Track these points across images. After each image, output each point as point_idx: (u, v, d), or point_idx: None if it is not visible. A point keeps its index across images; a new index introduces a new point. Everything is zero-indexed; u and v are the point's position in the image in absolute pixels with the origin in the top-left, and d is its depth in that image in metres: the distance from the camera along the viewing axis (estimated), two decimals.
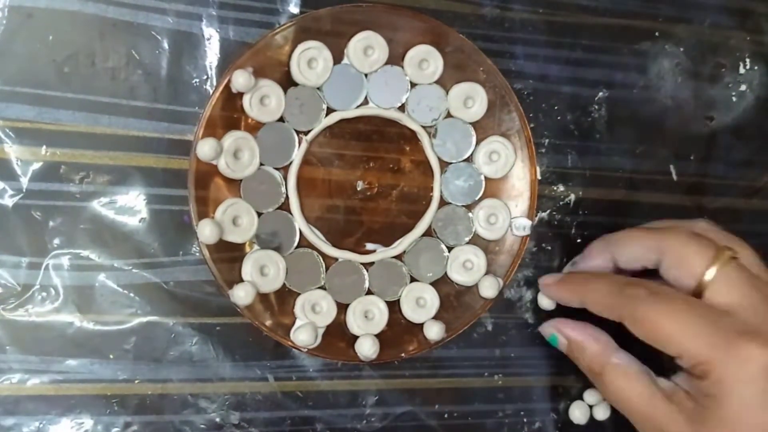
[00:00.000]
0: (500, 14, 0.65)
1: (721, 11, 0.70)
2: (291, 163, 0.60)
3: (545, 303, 0.65)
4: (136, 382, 0.59)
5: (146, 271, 0.59)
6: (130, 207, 0.58)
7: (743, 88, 0.70)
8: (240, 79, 0.56)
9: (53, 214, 0.57)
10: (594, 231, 0.66)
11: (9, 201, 0.56)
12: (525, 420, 0.67)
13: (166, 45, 0.59)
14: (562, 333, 0.61)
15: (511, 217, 0.63)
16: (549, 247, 0.67)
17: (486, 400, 0.66)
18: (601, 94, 0.67)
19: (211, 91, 0.59)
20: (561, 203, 0.66)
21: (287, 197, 0.60)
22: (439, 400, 0.65)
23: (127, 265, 0.59)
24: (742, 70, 0.70)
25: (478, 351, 0.66)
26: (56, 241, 0.57)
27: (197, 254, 0.60)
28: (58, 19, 0.57)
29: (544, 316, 0.65)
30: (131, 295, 0.58)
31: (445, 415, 0.66)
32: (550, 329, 0.62)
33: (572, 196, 0.67)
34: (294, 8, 0.61)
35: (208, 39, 0.59)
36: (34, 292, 0.57)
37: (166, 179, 0.59)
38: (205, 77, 0.59)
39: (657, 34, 0.68)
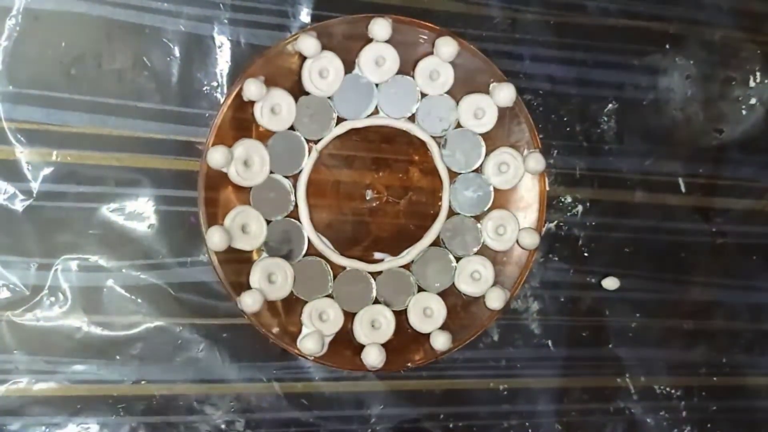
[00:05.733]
0: (511, 25, 0.65)
1: (732, 25, 0.70)
2: (301, 171, 0.60)
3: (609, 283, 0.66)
4: (143, 384, 0.59)
5: (153, 276, 0.59)
6: (139, 213, 0.59)
7: (753, 101, 0.70)
8: (251, 88, 0.56)
9: (63, 218, 0.58)
10: (601, 244, 0.66)
11: (20, 205, 0.57)
12: (530, 430, 0.67)
13: (174, 46, 0.59)
14: None
15: (520, 228, 0.63)
16: (556, 258, 0.67)
17: (490, 408, 0.66)
18: (610, 105, 0.67)
19: (219, 94, 0.60)
20: (568, 214, 0.66)
21: (296, 205, 0.60)
22: (443, 407, 0.66)
23: (134, 270, 0.59)
24: (752, 84, 0.70)
25: (484, 359, 0.66)
26: (65, 245, 0.58)
27: (204, 258, 0.60)
28: (65, 22, 0.57)
29: (549, 325, 0.66)
30: (138, 300, 0.59)
31: (450, 425, 0.66)
32: None
33: (580, 208, 0.67)
34: (305, 17, 0.61)
35: (220, 46, 0.60)
36: (42, 296, 0.58)
37: (174, 181, 0.59)
38: (213, 77, 0.60)
39: (668, 46, 0.68)
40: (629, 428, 0.70)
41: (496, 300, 0.62)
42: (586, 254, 0.67)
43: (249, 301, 0.57)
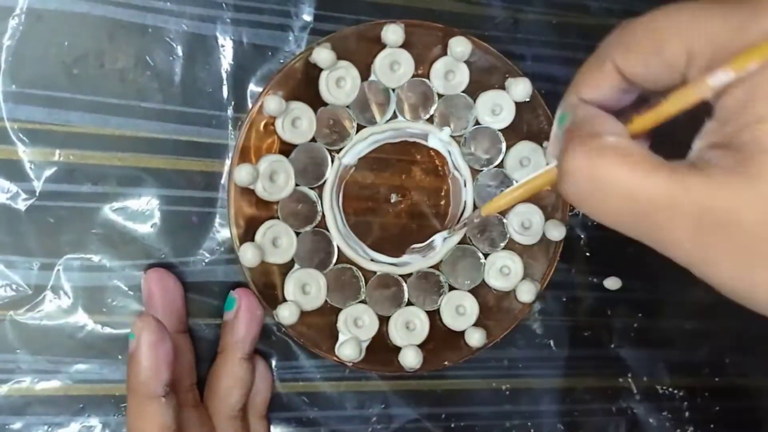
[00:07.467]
0: (513, 25, 0.65)
1: None
2: (325, 181, 0.60)
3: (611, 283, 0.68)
4: None
5: None
6: (142, 212, 0.59)
7: None
8: (271, 105, 0.57)
9: (65, 218, 0.57)
10: (603, 244, 0.66)
11: (22, 205, 0.57)
12: (532, 431, 0.68)
13: (177, 46, 0.59)
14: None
15: (545, 220, 0.63)
16: (557, 258, 0.67)
17: (492, 408, 0.67)
18: None
19: (222, 94, 0.60)
20: (570, 214, 0.66)
21: (323, 215, 0.60)
22: (445, 407, 0.66)
23: (137, 269, 0.59)
24: None
25: (486, 359, 0.66)
26: (68, 245, 0.58)
27: (206, 257, 0.60)
28: (68, 21, 0.57)
29: (551, 325, 0.67)
30: (141, 299, 0.59)
31: (452, 425, 0.66)
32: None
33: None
34: (308, 16, 0.61)
35: (222, 46, 0.60)
36: (45, 295, 0.57)
37: (177, 180, 0.59)
38: (216, 77, 0.60)
39: None
40: (632, 428, 0.70)
41: (527, 293, 0.63)
42: (587, 254, 0.68)
43: (286, 314, 0.58)
